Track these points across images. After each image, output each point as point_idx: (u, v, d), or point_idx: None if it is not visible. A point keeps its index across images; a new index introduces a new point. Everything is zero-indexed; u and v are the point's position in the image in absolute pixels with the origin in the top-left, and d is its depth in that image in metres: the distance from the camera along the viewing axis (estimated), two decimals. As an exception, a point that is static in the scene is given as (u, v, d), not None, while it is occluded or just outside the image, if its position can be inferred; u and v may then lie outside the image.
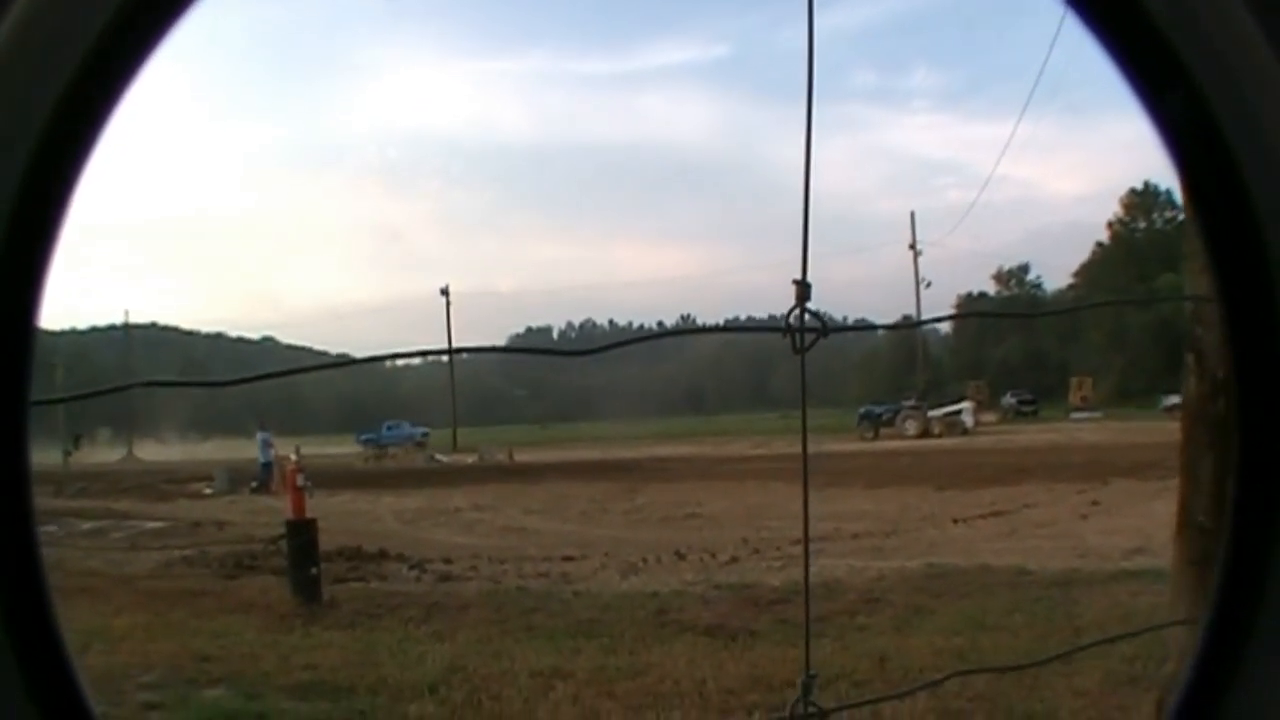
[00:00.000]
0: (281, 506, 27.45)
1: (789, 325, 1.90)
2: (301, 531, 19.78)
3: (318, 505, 23.92)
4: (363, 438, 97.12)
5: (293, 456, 24.23)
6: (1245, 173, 1.35)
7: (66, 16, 1.16)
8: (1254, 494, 1.45)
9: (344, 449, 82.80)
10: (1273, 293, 1.37)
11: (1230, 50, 1.34)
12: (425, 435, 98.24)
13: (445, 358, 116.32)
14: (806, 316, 1.91)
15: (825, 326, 1.92)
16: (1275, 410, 1.42)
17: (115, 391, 1.95)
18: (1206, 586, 3.16)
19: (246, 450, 55.29)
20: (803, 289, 1.90)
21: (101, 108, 1.20)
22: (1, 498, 1.21)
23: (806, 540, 2.27)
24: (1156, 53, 1.35)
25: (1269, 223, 1.35)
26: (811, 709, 2.00)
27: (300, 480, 21.80)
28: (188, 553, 26.60)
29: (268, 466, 49.75)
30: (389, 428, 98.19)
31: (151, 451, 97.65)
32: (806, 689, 1.99)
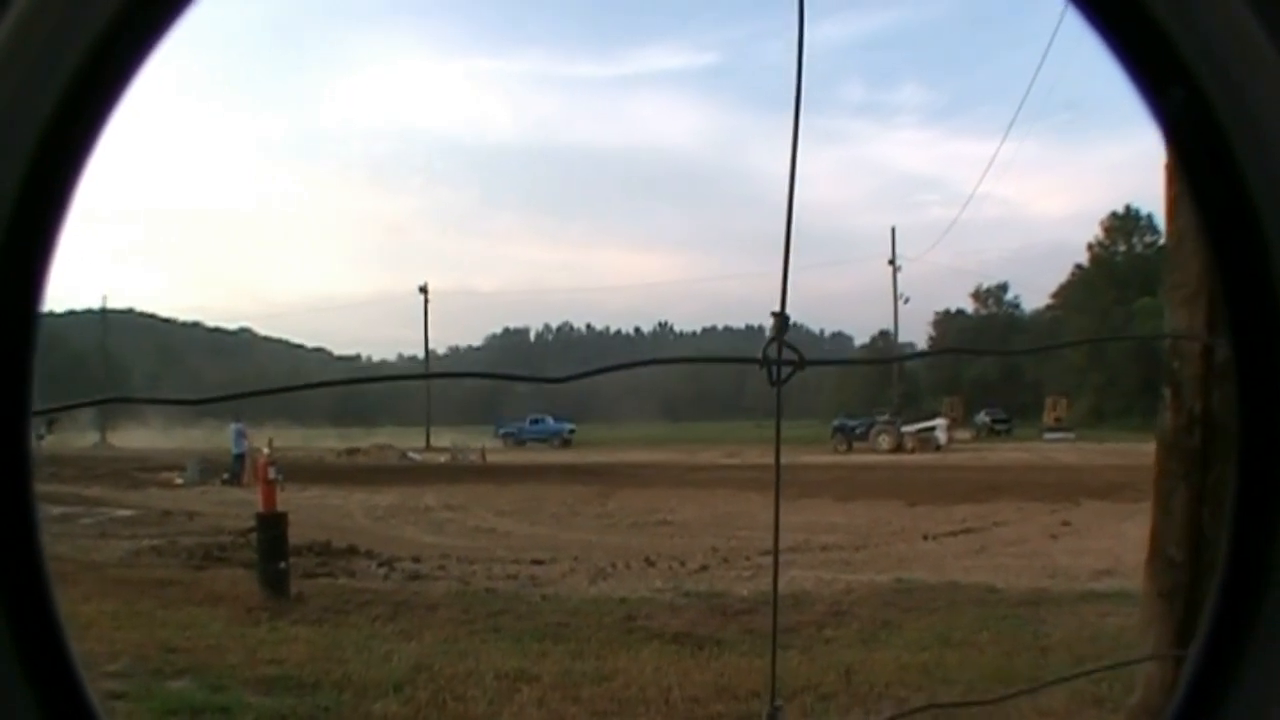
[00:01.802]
0: (252, 499, 27.42)
1: (766, 357, 1.90)
2: (271, 525, 19.72)
3: (288, 499, 23.87)
4: (503, 430, 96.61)
5: (265, 449, 24.15)
6: (1246, 169, 1.36)
7: (66, 16, 1.16)
8: (1254, 494, 1.45)
9: (322, 443, 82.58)
10: (1274, 289, 1.37)
11: (1231, 47, 1.35)
12: (572, 431, 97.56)
13: (421, 353, 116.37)
14: (785, 350, 1.91)
15: (802, 359, 1.92)
16: (1276, 408, 1.42)
17: (94, 404, 1.94)
18: (1174, 618, 3.18)
19: (221, 440, 55.14)
20: (780, 321, 1.90)
21: (102, 107, 1.20)
22: (4, 493, 1.21)
23: (776, 579, 2.27)
24: (1157, 49, 1.35)
25: (1269, 219, 1.36)
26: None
27: (271, 473, 21.76)
28: (157, 542, 26.57)
29: (240, 458, 49.67)
30: (533, 421, 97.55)
31: (125, 438, 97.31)
32: (774, 717, 1.99)
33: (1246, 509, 1.46)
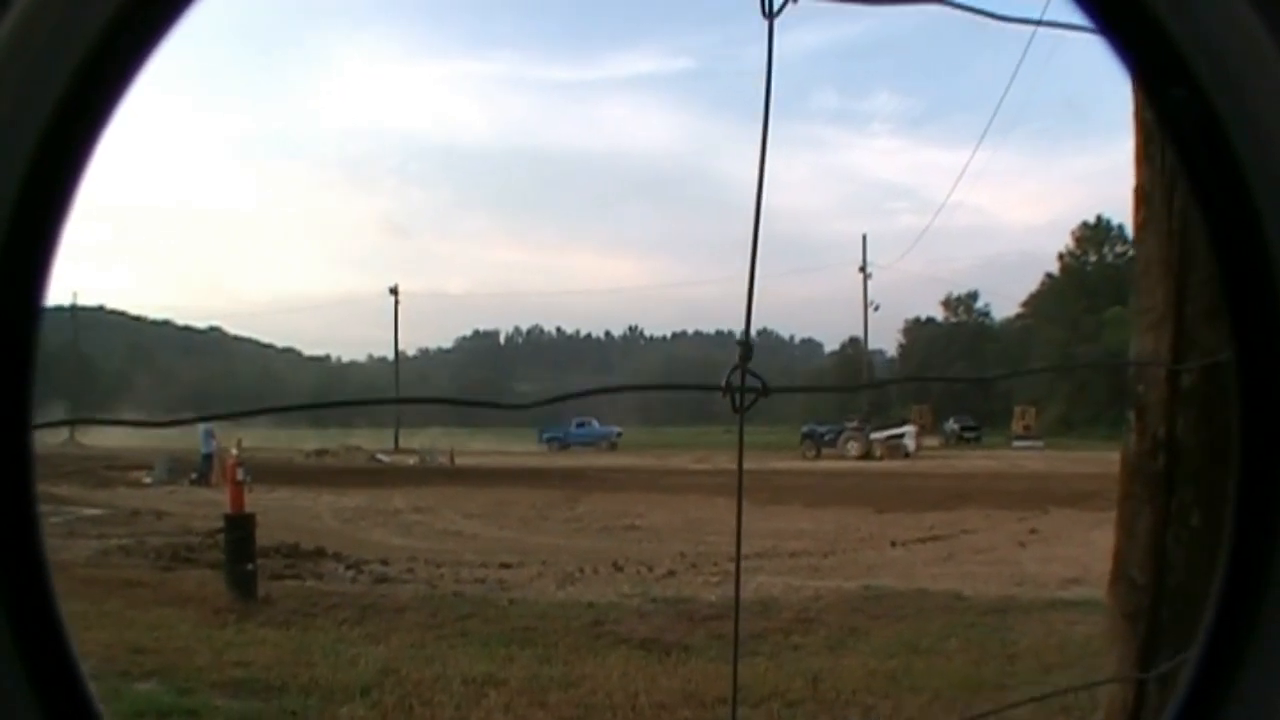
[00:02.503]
0: (220, 499, 27.33)
1: (729, 385, 1.92)
2: (239, 526, 19.69)
3: (256, 500, 23.82)
4: (546, 435, 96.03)
5: (233, 450, 24.08)
6: (1247, 169, 1.37)
7: (66, 16, 1.17)
8: (1254, 496, 1.46)
9: (300, 444, 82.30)
10: (1275, 289, 1.38)
11: (1233, 46, 1.36)
12: (619, 435, 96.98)
13: (390, 354, 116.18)
14: (748, 377, 1.93)
15: (765, 386, 1.94)
16: (1277, 410, 1.44)
17: (64, 424, 1.96)
18: (1137, 640, 3.20)
19: (190, 439, 54.90)
20: (745, 349, 1.92)
21: (102, 108, 1.21)
22: (6, 495, 1.22)
23: (738, 597, 2.29)
24: (1159, 49, 1.36)
25: (1271, 219, 1.37)
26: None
27: (240, 474, 21.70)
28: (125, 542, 26.47)
29: (208, 458, 49.49)
30: (578, 425, 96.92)
31: (94, 437, 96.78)
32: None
33: (1247, 511, 1.47)
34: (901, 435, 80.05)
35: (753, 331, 1.94)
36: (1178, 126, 1.42)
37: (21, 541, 1.23)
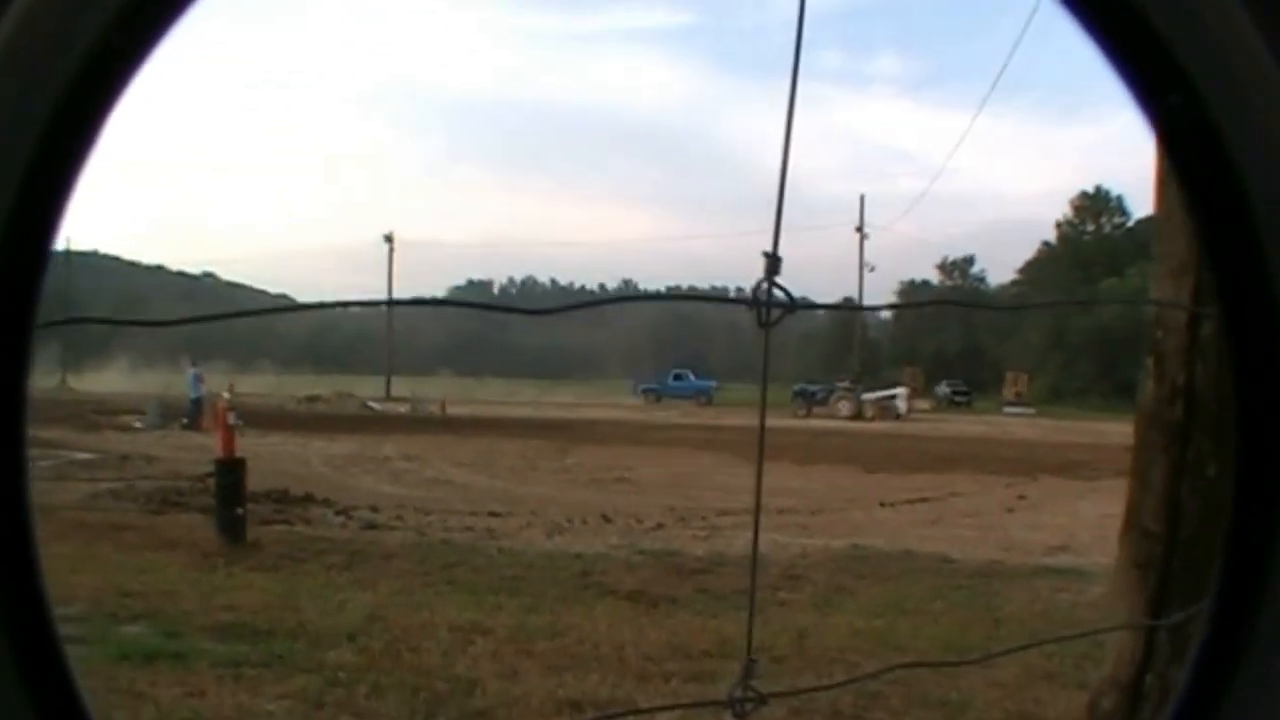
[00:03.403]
0: (211, 444, 27.32)
1: (756, 299, 1.87)
2: (230, 471, 19.67)
3: (247, 446, 23.81)
4: (643, 387, 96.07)
5: (225, 394, 24.07)
6: (1244, 175, 1.34)
7: (66, 16, 1.14)
8: (1254, 494, 1.44)
9: (284, 389, 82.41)
10: (1272, 295, 1.36)
11: (1229, 53, 1.34)
12: (716, 387, 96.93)
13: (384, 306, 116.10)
14: (775, 292, 1.88)
15: (794, 302, 1.89)
16: (1275, 410, 1.41)
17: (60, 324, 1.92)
18: (1148, 590, 3.18)
19: (181, 384, 54.91)
20: (772, 262, 1.87)
21: (101, 108, 1.18)
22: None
23: (756, 530, 2.25)
24: (1155, 55, 1.34)
25: (1267, 226, 1.35)
26: (750, 694, 1.98)
27: (231, 419, 21.68)
28: (115, 486, 26.47)
29: (198, 402, 49.57)
30: (675, 377, 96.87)
31: (85, 381, 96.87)
32: (747, 672, 1.96)
33: (1246, 508, 1.45)
34: (893, 397, 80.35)
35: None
36: (1174, 134, 1.39)
37: (16, 543, 1.20)
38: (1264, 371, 1.40)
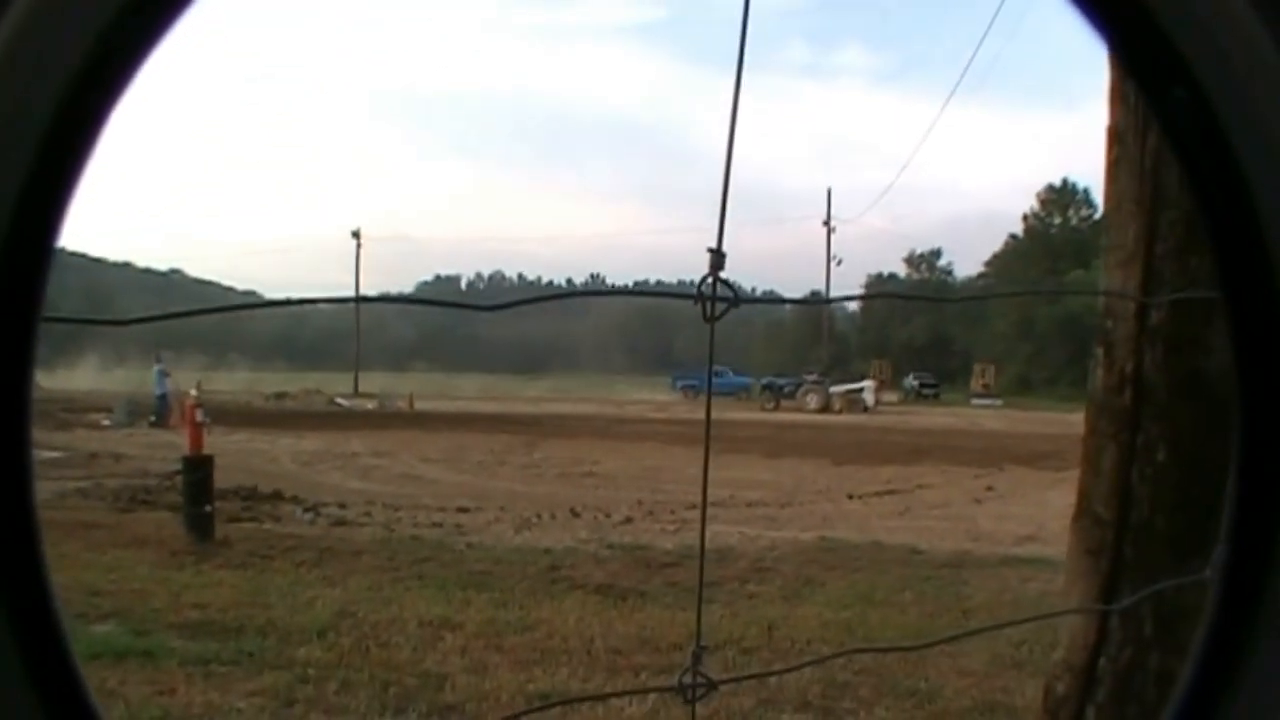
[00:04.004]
0: (178, 441, 27.25)
1: (701, 293, 1.91)
2: (198, 468, 19.61)
3: (215, 443, 23.77)
4: (681, 383, 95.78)
5: (193, 391, 24.00)
6: (1249, 171, 1.36)
7: (67, 15, 1.15)
8: (1254, 495, 1.46)
9: (251, 386, 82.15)
10: (1275, 289, 1.38)
11: (1234, 47, 1.35)
12: (751, 384, 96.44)
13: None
14: (720, 286, 1.91)
15: (737, 297, 1.92)
16: (1277, 408, 1.43)
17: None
18: (1100, 575, 3.22)
19: (149, 382, 54.64)
20: (717, 257, 1.90)
21: (103, 107, 1.20)
22: (4, 493, 1.21)
23: (704, 511, 2.28)
24: (1159, 49, 1.35)
25: (1272, 221, 1.37)
26: (700, 679, 2.01)
27: (199, 416, 21.64)
28: (83, 484, 26.28)
29: (164, 399, 49.34)
30: (715, 374, 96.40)
31: (52, 379, 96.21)
32: (696, 659, 1.99)
33: (1247, 509, 1.47)
34: (860, 390, 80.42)
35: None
36: (1178, 127, 1.41)
37: (21, 542, 1.22)
38: (1266, 363, 1.42)
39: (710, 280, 1.89)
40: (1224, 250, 1.42)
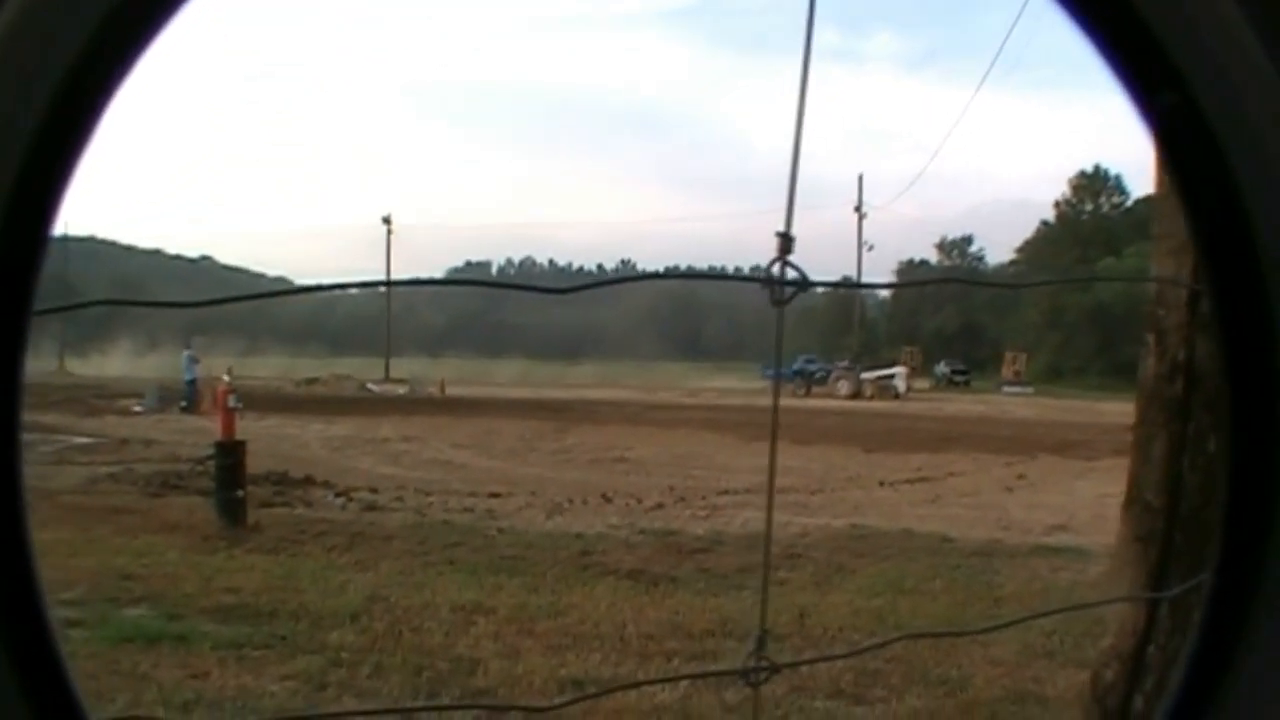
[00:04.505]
0: (209, 426, 27.33)
1: (770, 276, 1.89)
2: (230, 453, 19.67)
3: (246, 428, 23.80)
4: (768, 371, 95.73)
5: (225, 378, 24.05)
6: (1237, 173, 1.36)
7: (61, 13, 1.15)
8: (1248, 493, 1.45)
9: (282, 372, 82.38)
10: (1265, 290, 1.37)
11: (1223, 50, 1.35)
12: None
13: (383, 288, 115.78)
14: (788, 271, 1.90)
15: (805, 279, 1.91)
16: (1268, 407, 1.43)
17: (91, 305, 1.93)
18: (1149, 563, 3.20)
19: (180, 368, 54.75)
20: (785, 241, 1.89)
21: (96, 102, 1.19)
22: None
23: (770, 497, 2.27)
24: (1148, 52, 1.34)
25: (1261, 223, 1.36)
26: (763, 663, 2.00)
27: (231, 401, 21.69)
28: (114, 469, 26.41)
29: (193, 384, 49.47)
30: (807, 360, 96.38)
31: (83, 365, 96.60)
32: (760, 643, 1.99)
33: (1240, 507, 1.46)
34: (892, 376, 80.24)
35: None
36: (1168, 130, 1.40)
37: (11, 546, 1.21)
38: (1256, 361, 1.41)
39: (779, 263, 1.88)
40: (1213, 252, 1.43)
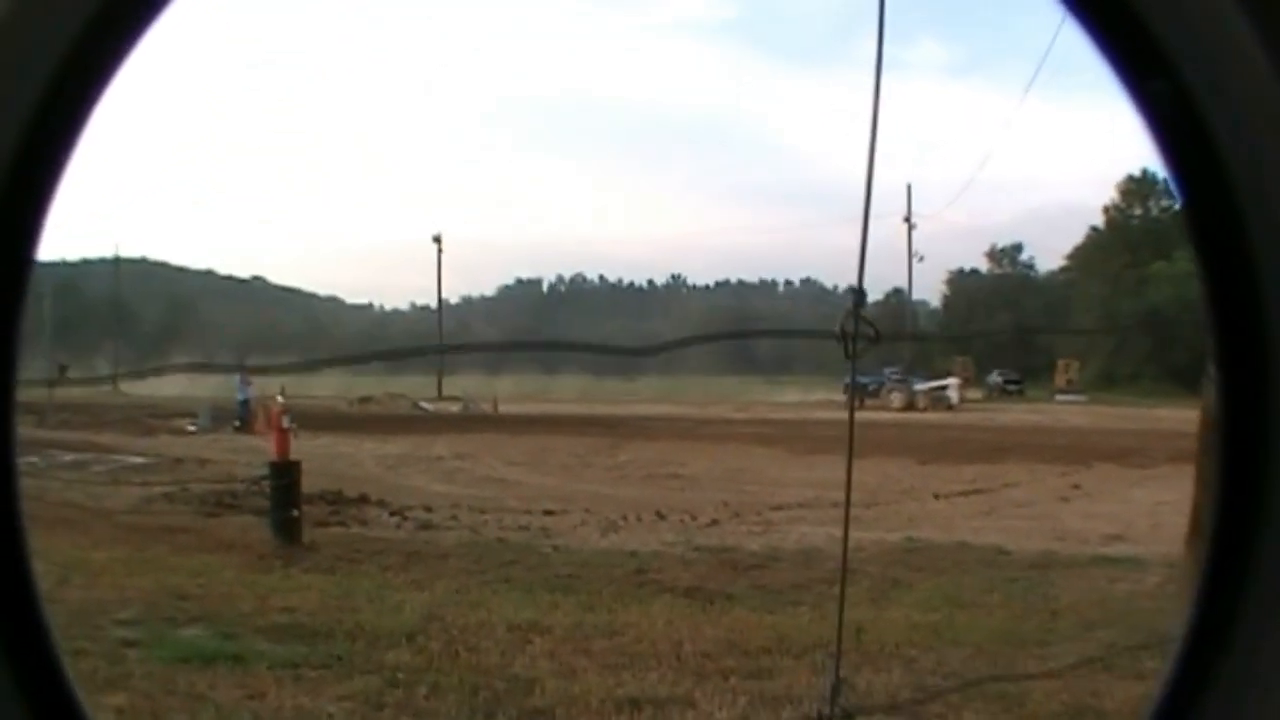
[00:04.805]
0: (263, 446, 27.44)
1: (843, 332, 1.91)
2: (284, 473, 19.79)
3: (299, 447, 23.90)
4: (846, 381, 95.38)
5: (279, 398, 24.17)
6: (1228, 161, 1.36)
7: (43, 20, 1.15)
8: (1237, 497, 1.45)
9: (335, 391, 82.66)
10: (1257, 280, 1.37)
11: (1214, 39, 1.35)
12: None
13: (433, 302, 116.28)
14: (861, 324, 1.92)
15: (878, 333, 1.92)
16: (1258, 406, 1.42)
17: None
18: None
19: (232, 388, 54.98)
20: (859, 296, 1.91)
21: (81, 109, 1.20)
22: None
23: (846, 524, 2.28)
24: (1140, 41, 1.35)
25: (1252, 211, 1.36)
26: (838, 714, 2.02)
27: (285, 422, 21.80)
28: (169, 489, 26.52)
29: (245, 404, 49.73)
30: (892, 374, 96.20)
31: (136, 385, 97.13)
32: (835, 691, 2.00)
33: (1231, 502, 1.46)
34: (944, 387, 79.78)
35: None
36: (1158, 118, 1.41)
37: (7, 544, 1.22)
38: (1246, 355, 1.41)
39: (850, 319, 1.90)
40: (1203, 239, 1.43)
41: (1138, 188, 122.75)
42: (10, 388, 1.22)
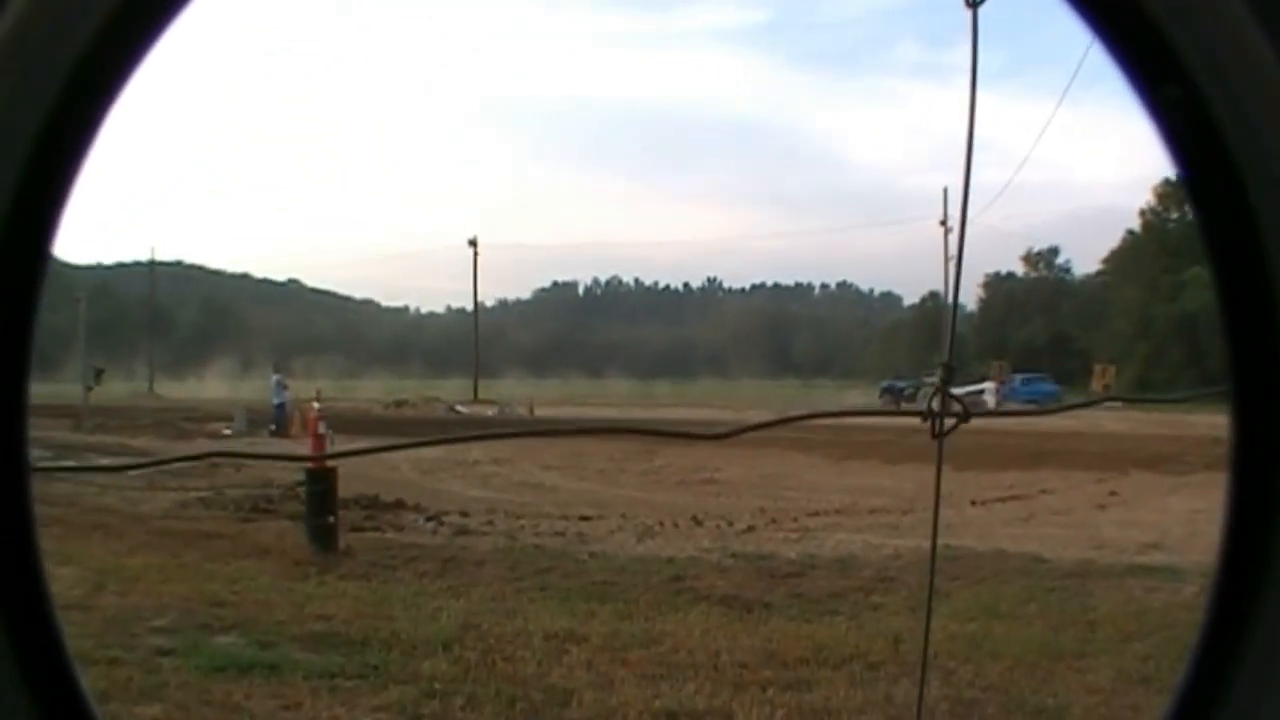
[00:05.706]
0: (300, 450, 27.50)
1: (930, 410, 1.88)
2: (321, 478, 19.75)
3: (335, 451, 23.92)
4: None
5: (315, 404, 24.24)
6: (1242, 167, 1.36)
7: (64, 15, 1.14)
8: (1251, 498, 1.43)
9: (371, 395, 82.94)
10: (1271, 287, 1.36)
11: (1227, 44, 1.35)
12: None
13: (469, 305, 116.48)
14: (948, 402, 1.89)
15: (967, 412, 1.90)
16: (1272, 406, 1.41)
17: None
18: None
19: (269, 392, 55.18)
20: (947, 373, 1.88)
21: (95, 112, 1.19)
22: (2, 500, 1.20)
23: (933, 553, 2.26)
24: (1153, 46, 1.35)
25: (1267, 218, 1.35)
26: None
27: (321, 427, 21.84)
28: (204, 494, 26.62)
29: (281, 408, 49.98)
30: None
31: (171, 389, 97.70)
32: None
33: (1244, 509, 1.44)
34: (981, 391, 79.69)
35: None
36: (1171, 124, 1.40)
37: (17, 542, 1.21)
38: (1261, 359, 1.41)
39: (939, 395, 1.86)
40: (1218, 246, 1.44)
41: (1174, 191, 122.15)
42: (22, 388, 1.21)
